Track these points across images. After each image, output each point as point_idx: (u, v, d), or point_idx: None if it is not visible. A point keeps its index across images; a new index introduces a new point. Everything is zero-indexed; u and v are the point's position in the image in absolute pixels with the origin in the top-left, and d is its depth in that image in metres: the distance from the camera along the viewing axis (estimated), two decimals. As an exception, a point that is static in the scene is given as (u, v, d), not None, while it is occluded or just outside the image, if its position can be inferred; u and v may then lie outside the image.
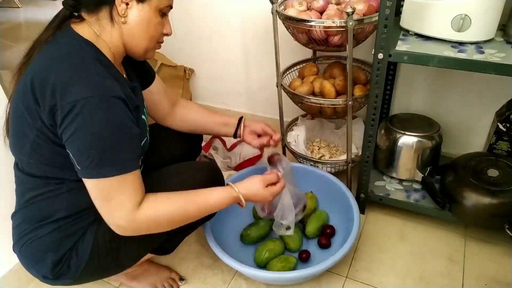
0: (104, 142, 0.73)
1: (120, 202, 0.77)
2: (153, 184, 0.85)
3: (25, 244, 0.86)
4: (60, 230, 0.86)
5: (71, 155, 0.75)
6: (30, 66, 0.79)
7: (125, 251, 0.91)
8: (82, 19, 0.82)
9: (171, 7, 0.87)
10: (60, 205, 0.85)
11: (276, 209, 1.07)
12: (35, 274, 0.89)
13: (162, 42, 0.91)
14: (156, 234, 0.87)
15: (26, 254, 0.88)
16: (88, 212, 0.87)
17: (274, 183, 1.00)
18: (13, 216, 0.91)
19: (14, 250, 0.90)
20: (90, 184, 0.76)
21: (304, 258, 1.16)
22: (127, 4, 0.79)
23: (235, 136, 1.18)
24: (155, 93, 1.07)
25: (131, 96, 0.83)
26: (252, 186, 0.96)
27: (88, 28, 0.81)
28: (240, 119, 1.18)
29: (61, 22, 0.83)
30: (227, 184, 0.96)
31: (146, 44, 0.86)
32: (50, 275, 0.86)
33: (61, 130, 0.73)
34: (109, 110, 0.73)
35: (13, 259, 1.12)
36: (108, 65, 0.81)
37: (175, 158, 1.11)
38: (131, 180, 0.78)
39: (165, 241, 1.00)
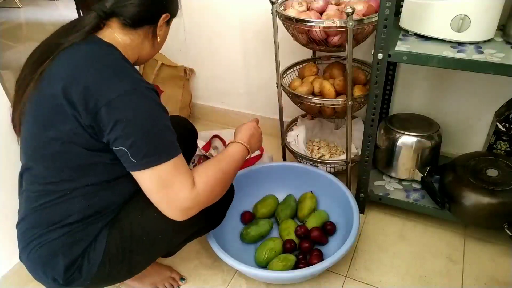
0: (153, 131, 0.76)
1: (181, 184, 0.79)
2: None
3: (34, 249, 0.83)
4: (71, 234, 0.83)
5: (122, 151, 0.75)
6: (54, 71, 0.78)
7: (136, 256, 0.90)
8: (103, 25, 0.83)
9: None
10: (73, 210, 0.83)
11: None
12: (43, 279, 0.85)
13: None
14: (169, 240, 0.91)
15: (35, 258, 0.84)
16: (100, 216, 0.86)
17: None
18: (19, 224, 0.88)
19: (21, 257, 0.87)
20: (148, 176, 0.77)
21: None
22: (161, 25, 0.88)
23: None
24: None
25: None
26: (246, 131, 1.03)
27: (110, 34, 0.82)
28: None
29: (92, 29, 0.81)
30: (229, 142, 1.00)
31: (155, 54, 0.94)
32: (61, 280, 0.83)
33: (109, 129, 0.74)
34: (149, 99, 0.77)
35: (13, 259, 1.12)
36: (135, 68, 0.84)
37: None
38: (182, 161, 0.81)
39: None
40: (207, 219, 0.99)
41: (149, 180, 0.78)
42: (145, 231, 0.89)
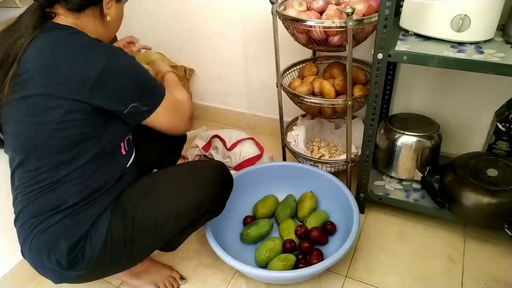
0: (145, 79, 0.88)
1: (181, 101, 1.00)
2: (164, 180, 0.96)
3: (35, 237, 0.84)
4: (71, 216, 0.85)
5: (133, 107, 0.84)
6: (30, 65, 0.78)
7: (139, 241, 0.91)
8: (54, 14, 0.85)
9: None
10: (69, 193, 0.85)
11: None
12: (47, 266, 0.86)
13: None
14: (172, 225, 0.94)
15: (37, 246, 0.85)
16: (97, 197, 0.88)
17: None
18: (16, 220, 0.89)
19: (23, 252, 0.88)
20: (161, 112, 0.90)
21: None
22: (108, 3, 0.89)
23: None
24: None
25: None
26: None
27: (63, 21, 0.85)
28: None
29: (40, 19, 0.83)
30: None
31: (113, 35, 0.97)
32: (64, 262, 0.84)
33: (108, 99, 0.81)
34: (127, 58, 0.85)
35: (14, 259, 1.12)
36: None
37: (159, 157, 1.19)
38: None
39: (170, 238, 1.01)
40: (210, 205, 1.00)
41: (163, 114, 0.91)
42: (148, 215, 0.91)
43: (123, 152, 0.95)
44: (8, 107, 0.81)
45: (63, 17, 0.85)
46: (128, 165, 0.97)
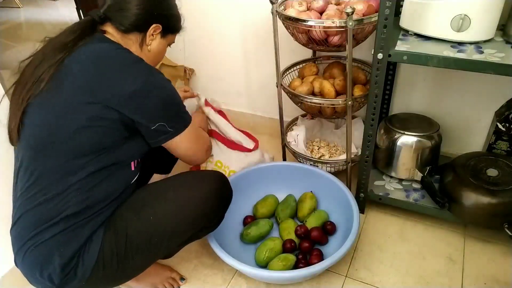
0: (176, 103, 0.92)
1: (204, 133, 1.11)
2: (159, 195, 0.94)
3: (29, 250, 0.83)
4: (65, 232, 0.83)
5: (161, 126, 0.88)
6: (74, 68, 0.84)
7: (132, 260, 0.89)
8: (104, 32, 0.92)
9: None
10: (67, 204, 0.83)
11: None
12: (39, 280, 0.84)
13: None
14: (166, 243, 0.93)
15: (30, 259, 0.83)
16: (94, 213, 0.86)
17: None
18: (12, 227, 0.87)
19: (16, 261, 0.87)
20: (185, 136, 0.94)
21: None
22: (152, 35, 0.95)
23: None
24: None
25: None
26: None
27: (113, 38, 0.91)
28: None
29: (86, 30, 0.89)
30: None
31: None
32: (57, 279, 0.83)
33: (141, 113, 0.85)
34: (164, 79, 0.90)
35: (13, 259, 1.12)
36: None
37: (155, 165, 1.23)
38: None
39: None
40: (207, 221, 0.98)
41: (186, 138, 0.95)
42: (141, 234, 0.89)
43: (132, 168, 0.93)
44: (40, 98, 0.84)
45: (111, 34, 0.92)
46: (132, 181, 0.96)
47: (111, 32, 0.92)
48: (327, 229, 1.24)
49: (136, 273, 0.98)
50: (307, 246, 1.18)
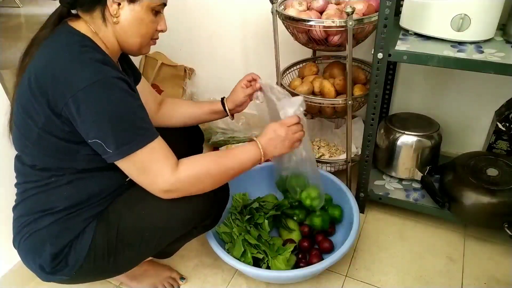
0: (122, 120, 0.76)
1: (158, 169, 0.81)
2: (145, 196, 0.87)
3: (24, 237, 0.87)
4: (59, 222, 0.86)
5: (97, 143, 0.76)
6: (32, 63, 0.80)
7: (123, 253, 0.90)
8: (78, 17, 0.84)
9: (164, 4, 0.88)
10: (60, 196, 0.85)
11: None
12: (32, 267, 0.88)
13: (157, 39, 0.92)
14: (158, 239, 0.90)
15: (25, 246, 0.87)
16: (87, 206, 0.88)
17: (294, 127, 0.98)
18: (14, 209, 0.92)
19: (14, 244, 0.90)
20: (125, 164, 0.80)
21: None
22: (118, 4, 0.81)
23: (231, 117, 1.20)
24: (142, 93, 1.03)
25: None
26: (268, 132, 0.96)
27: (86, 26, 0.83)
28: (222, 100, 1.18)
29: (59, 19, 0.85)
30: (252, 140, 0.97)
31: (139, 41, 0.88)
32: (47, 267, 0.85)
33: (79, 122, 0.76)
34: (116, 88, 0.76)
35: (14, 259, 1.12)
36: (107, 58, 0.83)
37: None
38: (159, 146, 0.82)
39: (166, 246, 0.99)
40: (201, 220, 0.97)
41: (126, 168, 0.81)
42: (132, 229, 0.89)
43: None
44: (15, 100, 0.84)
45: (82, 20, 0.83)
46: (128, 179, 0.89)
47: (83, 18, 0.83)
48: (328, 232, 1.24)
49: (127, 268, 0.98)
50: (306, 246, 1.18)
